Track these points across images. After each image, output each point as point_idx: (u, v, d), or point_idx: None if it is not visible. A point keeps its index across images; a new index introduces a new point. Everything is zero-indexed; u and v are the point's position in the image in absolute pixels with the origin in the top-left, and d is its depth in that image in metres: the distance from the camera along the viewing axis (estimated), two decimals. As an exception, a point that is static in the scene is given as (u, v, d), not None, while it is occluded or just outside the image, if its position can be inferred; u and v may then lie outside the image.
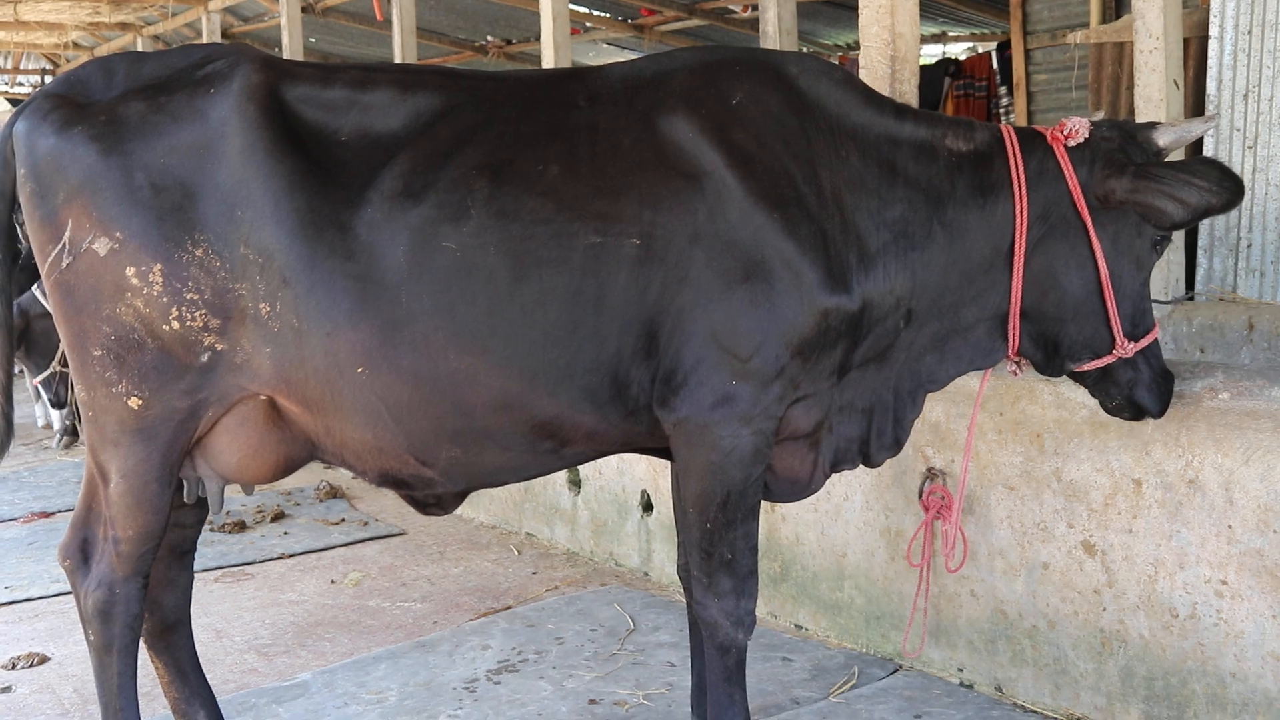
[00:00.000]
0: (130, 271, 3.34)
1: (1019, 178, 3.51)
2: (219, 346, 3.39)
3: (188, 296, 3.34)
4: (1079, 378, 3.73)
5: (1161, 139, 3.57)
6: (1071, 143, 3.55)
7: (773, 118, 3.46)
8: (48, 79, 20.48)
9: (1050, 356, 3.68)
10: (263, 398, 3.49)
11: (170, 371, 3.40)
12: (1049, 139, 3.59)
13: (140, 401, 3.42)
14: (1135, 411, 3.71)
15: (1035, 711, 4.32)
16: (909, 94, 4.91)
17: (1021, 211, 3.50)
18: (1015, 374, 3.87)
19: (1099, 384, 3.70)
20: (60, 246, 3.38)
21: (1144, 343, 3.61)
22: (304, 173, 3.34)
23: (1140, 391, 3.66)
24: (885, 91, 4.85)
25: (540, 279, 3.32)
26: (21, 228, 3.64)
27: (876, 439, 3.70)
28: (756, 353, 3.35)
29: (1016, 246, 3.51)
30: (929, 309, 3.57)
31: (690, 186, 3.36)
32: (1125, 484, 4.04)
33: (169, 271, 3.33)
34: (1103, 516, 4.11)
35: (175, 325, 3.36)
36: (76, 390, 3.52)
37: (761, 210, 3.34)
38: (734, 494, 3.47)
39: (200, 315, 3.36)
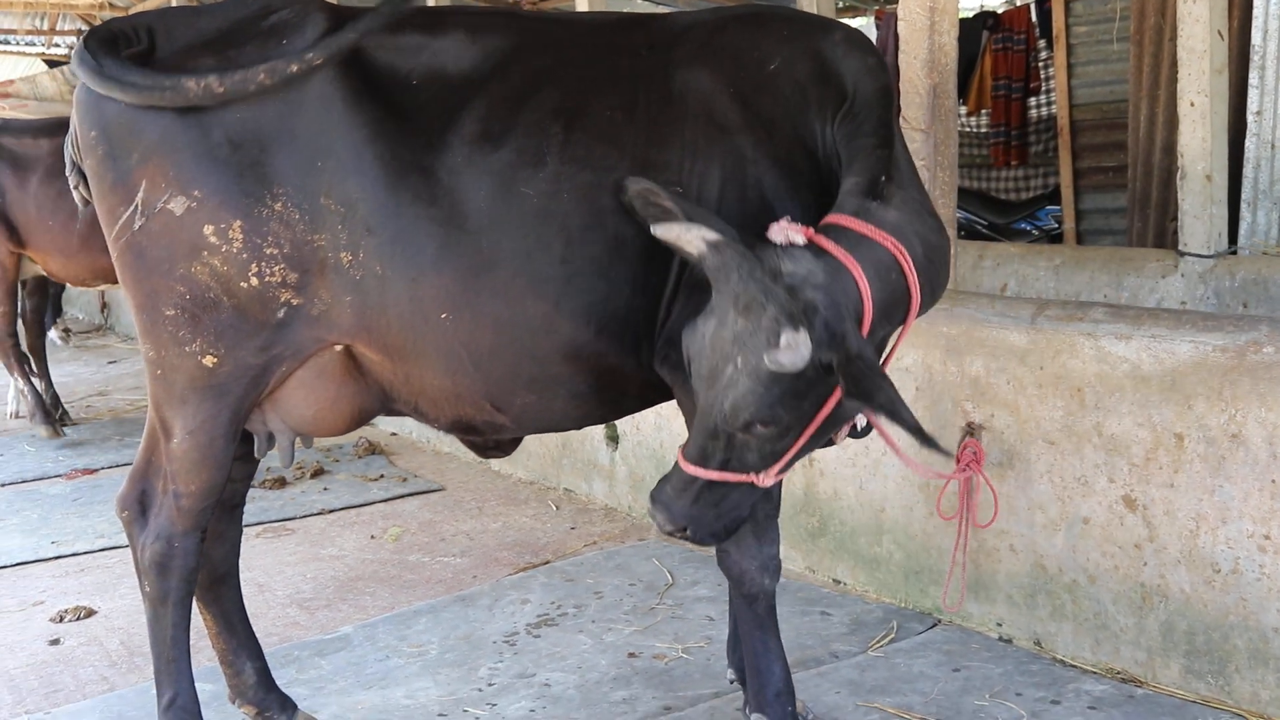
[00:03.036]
0: (208, 230, 3.33)
1: None
2: (295, 301, 3.40)
3: (267, 251, 3.34)
4: None
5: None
6: None
7: (800, 87, 3.44)
8: (83, 39, 20.52)
9: None
10: (339, 349, 3.50)
11: (246, 328, 3.41)
12: None
13: (215, 359, 3.42)
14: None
15: (1075, 666, 4.32)
16: (948, 46, 4.86)
17: None
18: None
19: None
20: (132, 208, 3.36)
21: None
22: (383, 119, 3.32)
23: None
24: (924, 44, 4.82)
25: (608, 228, 3.33)
26: (76, 189, 3.62)
27: None
28: None
29: None
30: None
31: (721, 140, 3.36)
32: (1167, 438, 4.02)
33: (248, 227, 3.32)
34: (1144, 471, 4.09)
35: (254, 281, 3.35)
36: (144, 350, 3.51)
37: (771, 175, 3.35)
38: None
39: (279, 270, 3.35)
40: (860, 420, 3.31)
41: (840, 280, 2.99)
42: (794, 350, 2.83)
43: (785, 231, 3.06)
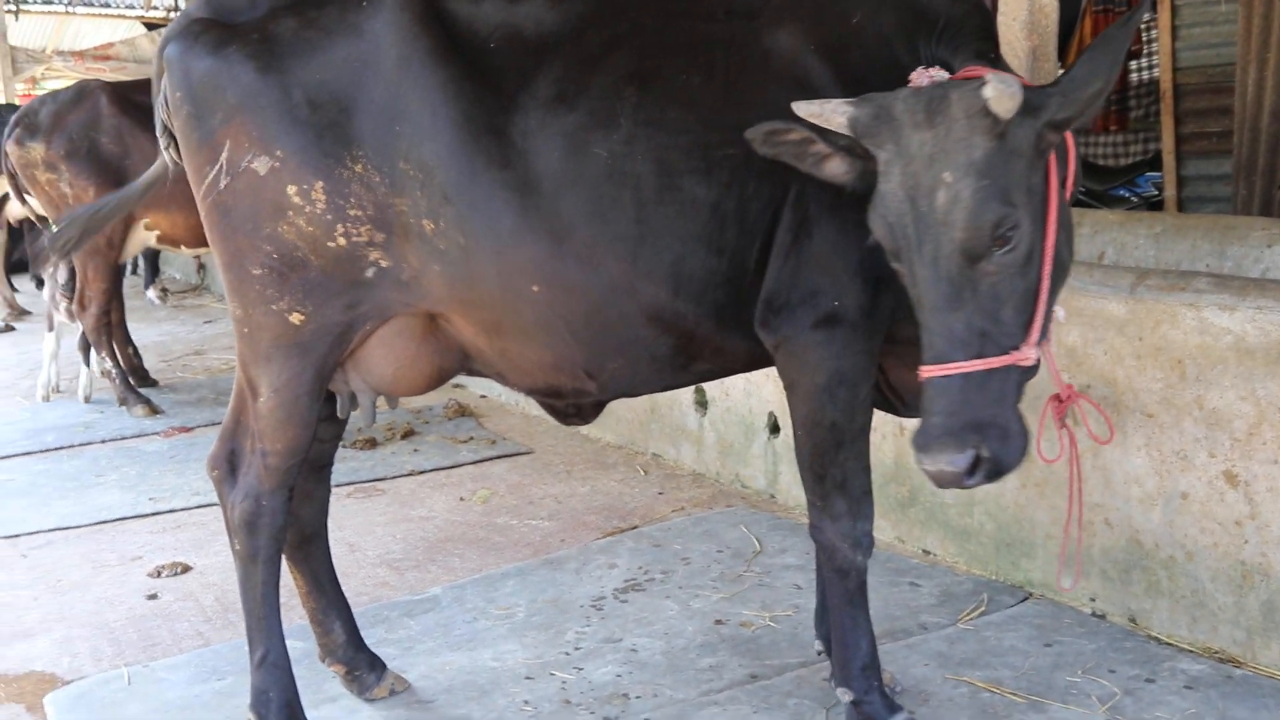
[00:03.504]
0: (292, 190, 3.37)
1: None
2: (384, 263, 3.42)
3: (351, 213, 3.37)
4: None
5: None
6: None
7: (886, 41, 3.37)
8: (181, 2, 20.82)
9: None
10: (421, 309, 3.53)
11: (334, 287, 3.44)
12: None
13: (302, 316, 3.46)
14: None
15: (1170, 644, 4.23)
16: (1049, 7, 4.75)
17: None
18: None
19: None
20: (218, 168, 3.42)
21: None
22: (459, 81, 3.33)
23: None
24: (1023, 6, 4.71)
25: (681, 189, 3.31)
26: (167, 150, 3.68)
27: None
28: (857, 273, 3.30)
29: None
30: None
31: (808, 100, 3.30)
32: (1272, 413, 3.91)
33: (331, 188, 3.35)
34: (1246, 446, 3.99)
35: (341, 241, 3.39)
36: (231, 308, 3.56)
37: None
38: (841, 414, 3.42)
39: (365, 230, 3.38)
40: None
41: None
42: (1007, 88, 2.69)
43: (928, 75, 2.98)
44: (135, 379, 9.08)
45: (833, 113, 2.93)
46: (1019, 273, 2.83)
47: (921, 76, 2.99)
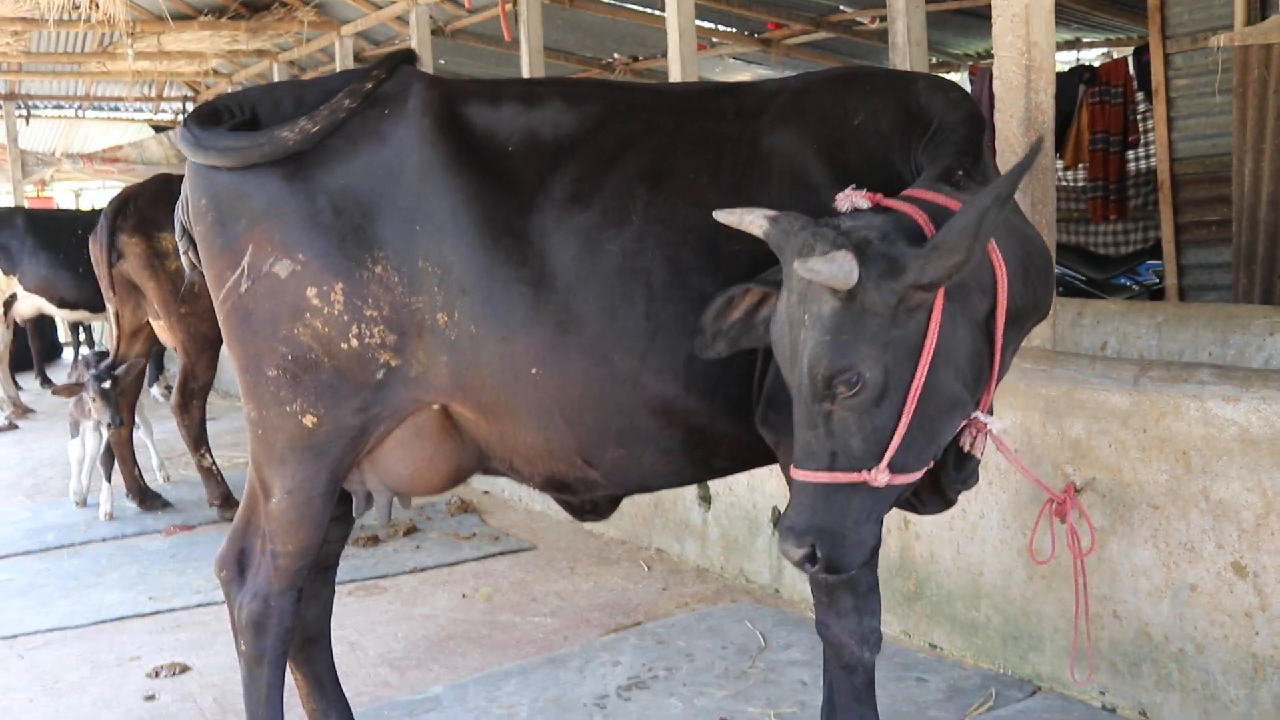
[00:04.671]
0: (311, 292, 3.40)
1: None
2: (394, 363, 3.45)
3: (367, 314, 3.40)
4: None
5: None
6: None
7: (884, 140, 3.42)
8: (188, 105, 21.10)
9: None
10: (435, 408, 3.54)
11: (345, 389, 3.47)
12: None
13: (314, 419, 3.48)
14: None
15: (1183, 738, 4.17)
16: (1045, 104, 4.79)
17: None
18: None
19: None
20: (239, 272, 3.46)
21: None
22: (479, 184, 3.40)
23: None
24: (1020, 103, 4.75)
25: (691, 285, 3.35)
26: (186, 254, 3.71)
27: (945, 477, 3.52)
28: None
29: None
30: None
31: (809, 199, 3.35)
32: (1279, 503, 3.88)
33: (350, 290, 3.39)
34: (1254, 537, 3.96)
35: (354, 343, 3.42)
36: (246, 410, 3.58)
37: None
38: None
39: (378, 332, 3.41)
40: (977, 446, 3.22)
41: (903, 225, 2.92)
42: (833, 262, 2.76)
43: (850, 199, 3.05)
44: (140, 499, 8.69)
45: (750, 224, 3.05)
46: (867, 411, 2.91)
47: (844, 200, 3.06)
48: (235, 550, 3.77)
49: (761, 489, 6.00)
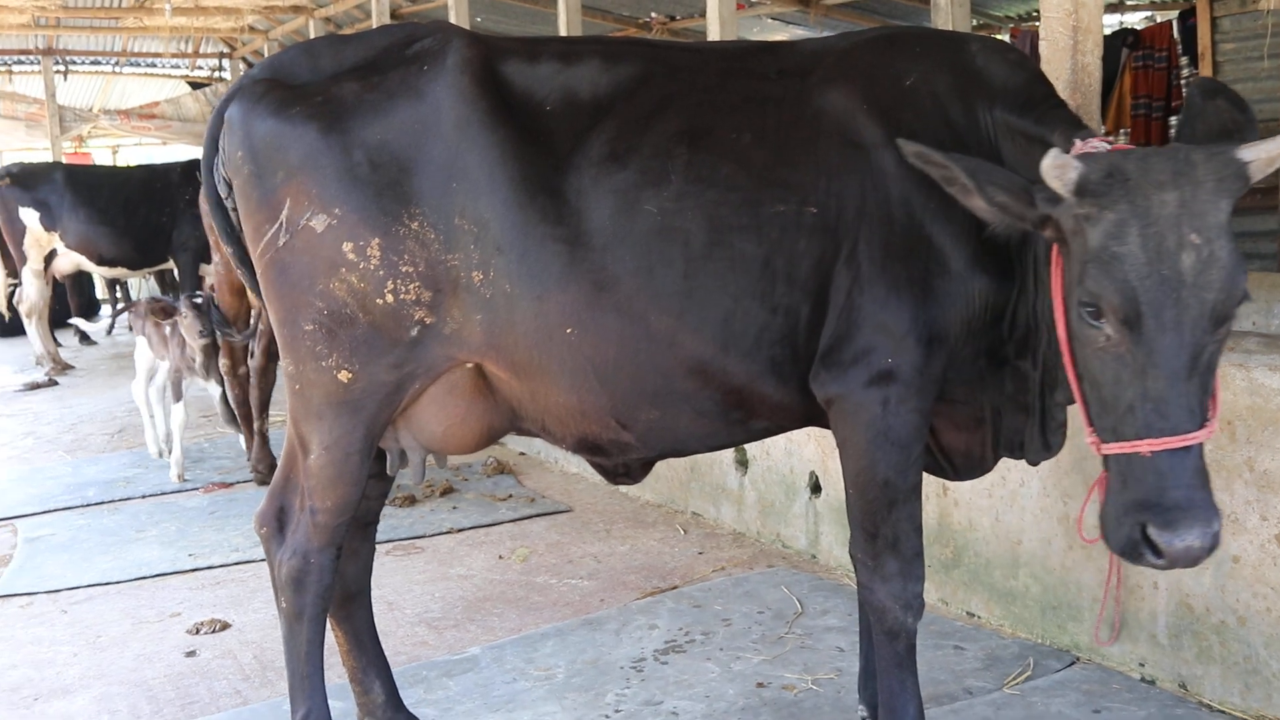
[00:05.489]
0: (348, 247, 3.40)
1: None
2: (428, 320, 3.45)
3: (403, 269, 3.40)
4: None
5: (1047, 172, 2.88)
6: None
7: (940, 101, 3.41)
8: (225, 63, 21.11)
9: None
10: (469, 367, 3.54)
11: (380, 345, 3.47)
12: None
13: (350, 375, 3.49)
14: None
15: (1222, 711, 4.14)
16: (1092, 66, 4.73)
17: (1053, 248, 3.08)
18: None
19: None
20: (277, 225, 3.46)
21: (1112, 448, 2.85)
22: (516, 142, 3.38)
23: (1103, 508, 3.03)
24: (1066, 65, 4.69)
25: (732, 245, 3.33)
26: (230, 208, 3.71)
27: (1029, 438, 3.53)
28: (911, 331, 3.30)
29: (1053, 276, 3.07)
30: (1046, 314, 3.33)
31: (859, 159, 3.35)
32: (1325, 476, 3.85)
33: (386, 245, 3.39)
34: (1300, 509, 3.92)
35: (389, 298, 3.42)
36: (284, 365, 3.60)
37: (920, 191, 3.29)
38: (894, 473, 3.41)
39: (414, 288, 3.41)
40: None
41: None
42: (1228, 155, 2.69)
43: (1092, 144, 2.94)
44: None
45: (1063, 169, 2.79)
46: (1221, 343, 2.76)
47: (1086, 147, 2.93)
48: (275, 507, 3.79)
49: (799, 453, 5.98)
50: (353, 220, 3.39)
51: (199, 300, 7.80)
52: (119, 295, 18.41)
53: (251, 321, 7.95)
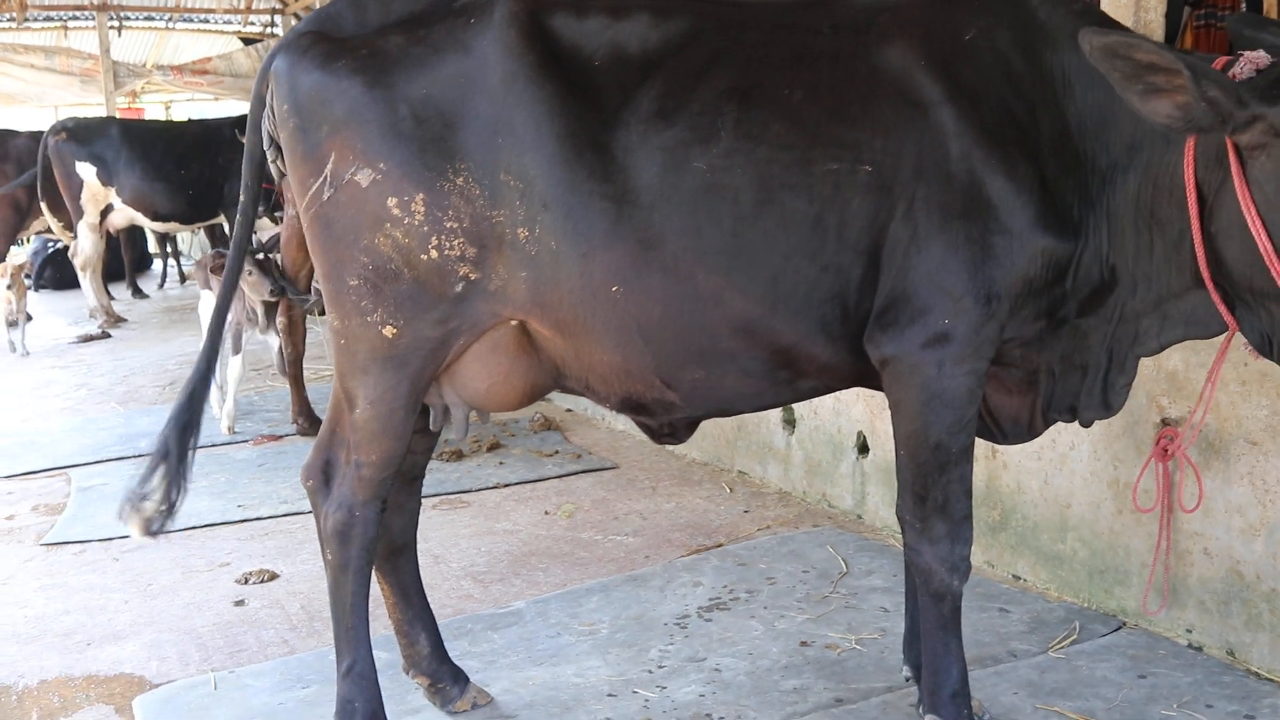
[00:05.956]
0: (392, 202, 3.39)
1: None
2: (473, 276, 3.44)
3: (447, 225, 3.39)
4: None
5: None
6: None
7: (1002, 56, 3.36)
8: (278, 19, 21.15)
9: (1266, 343, 3.19)
10: (513, 324, 3.54)
11: (424, 301, 3.46)
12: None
13: (394, 330, 3.49)
14: None
15: (1271, 679, 4.10)
16: (1154, 23, 4.66)
17: (1188, 166, 3.11)
18: (1253, 357, 3.36)
19: None
20: (322, 179, 3.45)
21: None
22: (563, 98, 3.35)
23: None
24: (1129, 22, 4.62)
25: (782, 203, 3.30)
26: (274, 163, 3.72)
27: (1086, 396, 3.52)
28: (969, 291, 3.26)
29: (1190, 207, 3.13)
30: (1130, 267, 3.34)
31: (917, 116, 3.29)
32: (1383, 443, 3.78)
33: (430, 200, 3.38)
34: (1356, 476, 3.86)
35: (434, 254, 3.41)
36: (330, 320, 3.60)
37: (981, 148, 3.25)
38: (946, 435, 3.38)
39: (458, 244, 3.40)
40: None
41: None
42: None
43: (1255, 60, 2.98)
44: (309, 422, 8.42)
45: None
46: None
47: (1249, 62, 2.96)
48: (321, 460, 3.81)
49: (847, 413, 5.96)
50: (397, 175, 3.37)
51: (262, 257, 7.83)
52: (169, 250, 18.56)
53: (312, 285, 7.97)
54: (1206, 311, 3.28)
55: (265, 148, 3.67)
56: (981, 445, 4.92)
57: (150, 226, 14.45)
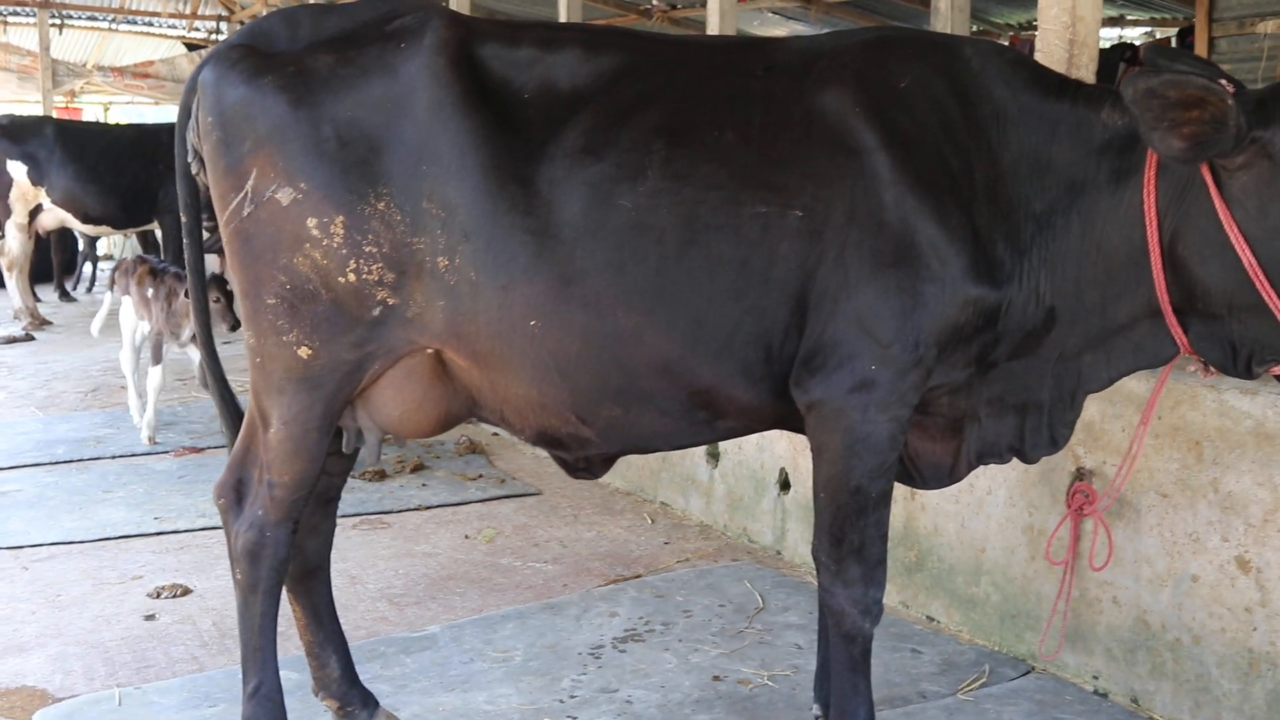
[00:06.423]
0: (312, 222, 3.37)
1: (1151, 156, 3.21)
2: (391, 301, 3.42)
3: (366, 249, 3.37)
4: None
5: None
6: None
7: (937, 104, 3.39)
8: (223, 25, 21.02)
9: (1230, 358, 3.29)
10: (429, 352, 3.52)
11: (341, 323, 3.44)
12: None
13: (309, 351, 3.46)
14: None
15: (1173, 727, 4.17)
16: (1086, 80, 4.73)
17: (1148, 195, 3.21)
18: (1203, 376, 3.49)
19: None
20: (242, 195, 3.43)
21: None
22: (490, 128, 3.34)
23: None
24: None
25: (708, 245, 3.30)
26: (199, 176, 3.70)
27: (1031, 436, 3.57)
28: (897, 339, 3.28)
29: (1149, 235, 3.22)
30: (1072, 306, 3.39)
31: (850, 163, 3.31)
32: (1287, 500, 3.87)
33: (350, 224, 3.36)
34: (1261, 532, 3.94)
35: (352, 277, 3.39)
36: (246, 337, 3.58)
37: (914, 196, 3.27)
38: (867, 480, 3.40)
39: (377, 269, 3.38)
40: None
41: None
42: None
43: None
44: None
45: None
46: None
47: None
48: (234, 479, 3.77)
49: (770, 449, 5.99)
50: (318, 196, 3.36)
51: (221, 275, 7.70)
52: (91, 253, 18.28)
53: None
54: (1155, 339, 3.36)
55: (189, 160, 3.64)
56: (901, 487, 4.97)
57: (80, 229, 14.24)
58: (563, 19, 9.90)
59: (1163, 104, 2.94)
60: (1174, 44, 11.48)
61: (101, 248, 19.16)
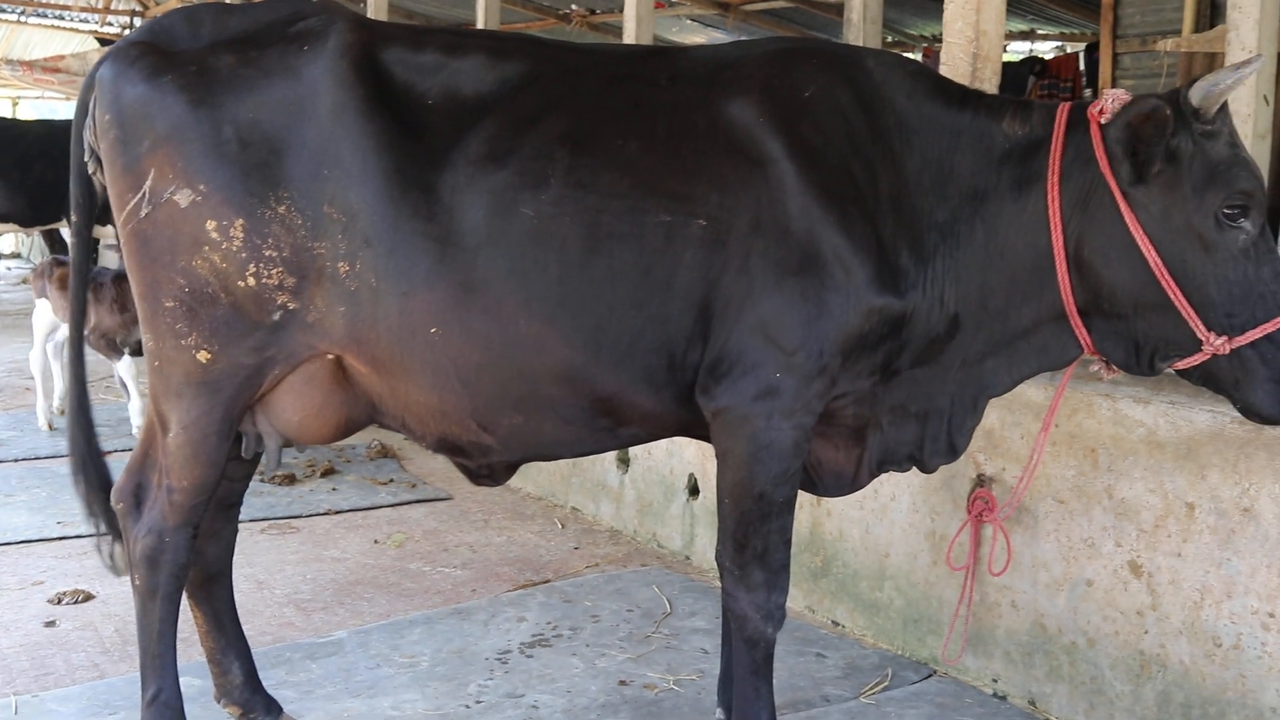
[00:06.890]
0: (211, 225, 3.34)
1: (1054, 164, 3.32)
2: (291, 306, 3.40)
3: (266, 253, 3.35)
4: (1189, 377, 3.37)
5: (1193, 97, 3.16)
6: (1105, 119, 3.27)
7: (841, 114, 3.44)
8: (137, 21, 20.69)
9: (1133, 356, 3.39)
10: (329, 358, 3.50)
11: (240, 327, 3.42)
12: (1088, 116, 3.34)
13: (208, 355, 3.43)
14: (1251, 416, 3.30)
15: (1068, 729, 4.26)
16: (989, 91, 4.83)
17: (1052, 201, 3.32)
18: (1104, 377, 3.58)
19: (1209, 385, 3.33)
20: (140, 195, 3.39)
21: (1251, 335, 3.16)
22: (393, 133, 3.34)
23: (1251, 392, 3.21)
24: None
25: (611, 253, 3.32)
26: (95, 175, 3.65)
27: (930, 444, 3.63)
28: (801, 347, 3.32)
29: (1054, 240, 3.33)
30: (976, 313, 3.47)
31: (755, 173, 3.34)
32: (1178, 506, 3.97)
33: (250, 227, 3.34)
34: (1152, 538, 4.04)
35: (251, 281, 3.36)
36: (144, 340, 3.54)
37: (819, 205, 3.32)
38: (770, 486, 3.44)
39: (277, 273, 3.36)
40: None
41: None
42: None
43: (1116, 97, 3.28)
44: None
45: (1206, 94, 3.16)
46: None
47: (1117, 96, 3.27)
48: (132, 483, 3.73)
49: (680, 455, 6.03)
50: (217, 198, 3.33)
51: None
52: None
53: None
54: (1059, 341, 3.46)
55: (86, 158, 3.59)
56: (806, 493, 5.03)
57: (-14, 228, 13.96)
58: (480, 23, 9.89)
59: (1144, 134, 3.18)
60: (1081, 58, 11.71)
61: (8, 245, 18.77)
